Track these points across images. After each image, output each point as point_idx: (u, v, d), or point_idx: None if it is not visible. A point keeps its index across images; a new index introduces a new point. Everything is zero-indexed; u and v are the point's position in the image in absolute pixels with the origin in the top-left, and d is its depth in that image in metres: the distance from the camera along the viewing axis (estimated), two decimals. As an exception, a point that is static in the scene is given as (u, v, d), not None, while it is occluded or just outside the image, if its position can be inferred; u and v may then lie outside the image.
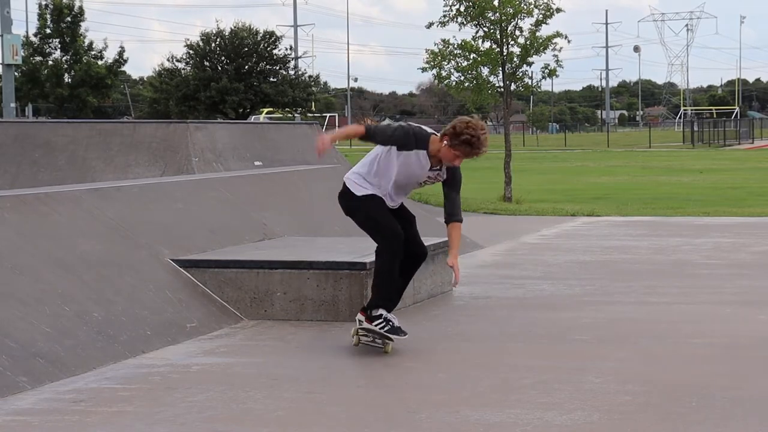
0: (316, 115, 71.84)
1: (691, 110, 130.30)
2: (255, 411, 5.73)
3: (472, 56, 23.99)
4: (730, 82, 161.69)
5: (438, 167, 7.02)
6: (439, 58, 24.14)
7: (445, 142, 6.86)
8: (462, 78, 24.27)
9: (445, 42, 24.14)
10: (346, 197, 7.18)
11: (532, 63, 24.27)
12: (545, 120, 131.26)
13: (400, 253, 7.02)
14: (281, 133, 16.19)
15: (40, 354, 6.51)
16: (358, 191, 7.10)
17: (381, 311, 7.01)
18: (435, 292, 9.48)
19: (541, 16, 23.92)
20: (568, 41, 24.93)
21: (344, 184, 7.22)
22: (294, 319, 8.33)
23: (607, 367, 6.67)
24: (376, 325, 7.01)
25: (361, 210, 7.13)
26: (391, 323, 7.00)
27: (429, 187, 7.45)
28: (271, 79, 57.41)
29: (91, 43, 54.98)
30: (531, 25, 24.00)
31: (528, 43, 23.87)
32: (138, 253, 8.50)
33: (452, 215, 7.03)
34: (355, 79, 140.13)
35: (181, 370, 6.71)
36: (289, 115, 59.47)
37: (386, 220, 7.06)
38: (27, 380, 6.19)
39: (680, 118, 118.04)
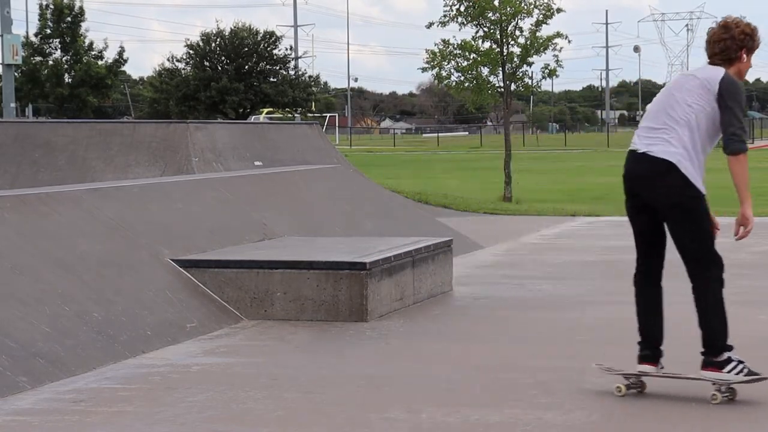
0: (316, 115, 71.75)
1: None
2: (255, 411, 5.73)
3: (472, 56, 23.99)
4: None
5: None
6: (439, 58, 24.14)
7: (744, 57, 5.97)
8: (462, 78, 24.27)
9: (445, 42, 24.15)
10: (685, 189, 5.71)
11: (532, 63, 24.30)
12: (545, 120, 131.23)
13: None
14: (281, 133, 16.21)
15: (40, 354, 6.51)
16: (702, 187, 5.74)
17: (727, 354, 5.80)
18: (435, 292, 9.48)
19: (541, 16, 23.94)
20: (569, 41, 24.95)
21: (675, 166, 5.70)
22: (294, 319, 8.32)
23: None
24: (731, 371, 5.75)
25: (703, 214, 5.76)
26: (743, 363, 5.78)
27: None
28: (271, 79, 57.35)
29: (91, 43, 54.95)
30: (531, 25, 24.02)
31: (528, 43, 23.88)
32: (138, 253, 8.49)
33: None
34: (355, 79, 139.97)
35: (181, 370, 6.71)
36: (289, 115, 59.42)
37: None
38: (27, 380, 6.19)
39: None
